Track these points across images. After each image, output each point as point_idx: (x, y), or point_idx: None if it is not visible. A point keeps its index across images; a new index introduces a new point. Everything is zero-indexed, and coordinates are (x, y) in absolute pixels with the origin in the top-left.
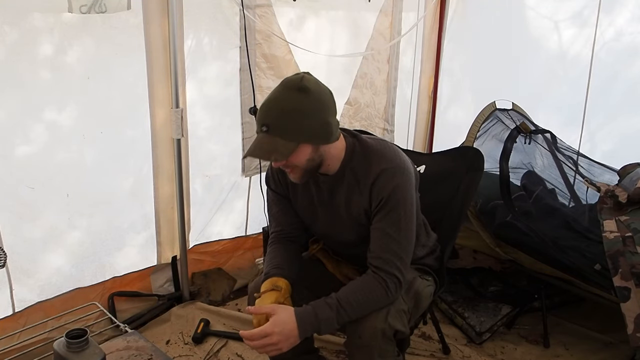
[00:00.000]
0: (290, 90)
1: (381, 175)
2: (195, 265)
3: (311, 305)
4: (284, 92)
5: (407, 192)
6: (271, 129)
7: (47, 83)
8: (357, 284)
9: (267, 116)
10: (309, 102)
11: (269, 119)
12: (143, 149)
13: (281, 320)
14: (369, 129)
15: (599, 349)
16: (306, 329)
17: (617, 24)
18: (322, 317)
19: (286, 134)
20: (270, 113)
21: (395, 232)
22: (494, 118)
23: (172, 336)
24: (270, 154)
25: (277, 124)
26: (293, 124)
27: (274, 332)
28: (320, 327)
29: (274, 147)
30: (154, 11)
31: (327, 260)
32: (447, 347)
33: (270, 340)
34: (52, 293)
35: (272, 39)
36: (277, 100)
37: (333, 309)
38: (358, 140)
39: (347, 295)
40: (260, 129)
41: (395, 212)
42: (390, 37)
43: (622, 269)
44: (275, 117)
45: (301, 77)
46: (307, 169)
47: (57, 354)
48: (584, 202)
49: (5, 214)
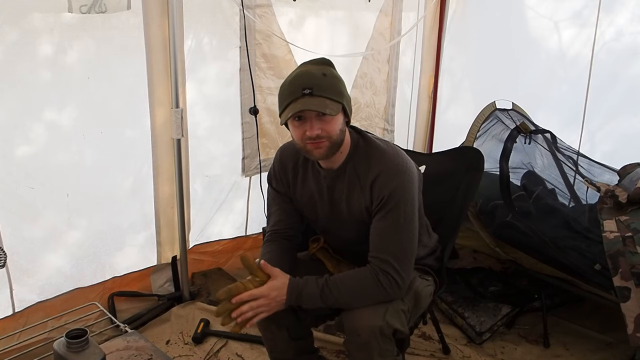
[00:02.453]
0: (320, 64)
1: (382, 174)
2: (195, 265)
3: (304, 278)
4: (313, 65)
5: (407, 193)
6: (316, 90)
7: (47, 83)
8: (351, 272)
9: (310, 80)
10: (338, 73)
11: (313, 82)
12: (143, 149)
13: (276, 286)
14: (369, 129)
15: (599, 349)
16: (291, 297)
17: (617, 24)
18: (305, 291)
19: (332, 94)
20: (312, 78)
21: (394, 232)
22: (494, 118)
23: (172, 336)
24: (325, 108)
25: (322, 85)
26: (336, 86)
27: (268, 295)
28: (303, 298)
29: (323, 103)
30: (154, 11)
31: (328, 259)
32: (447, 347)
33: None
34: (52, 293)
35: (272, 39)
36: (313, 70)
37: (319, 286)
38: (362, 136)
39: (338, 278)
40: (302, 92)
41: (395, 212)
42: (390, 37)
43: (622, 269)
44: (319, 79)
45: (321, 58)
46: (335, 143)
47: (57, 354)
48: (584, 202)
49: (5, 214)
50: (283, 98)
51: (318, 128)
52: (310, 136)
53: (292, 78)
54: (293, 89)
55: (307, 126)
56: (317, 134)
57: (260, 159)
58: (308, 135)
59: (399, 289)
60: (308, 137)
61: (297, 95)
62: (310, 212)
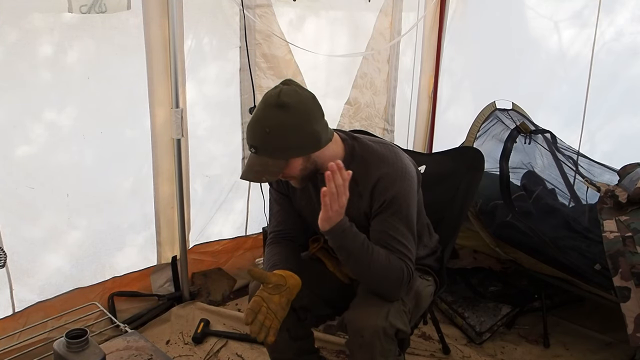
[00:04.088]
0: (270, 108)
1: (382, 180)
2: (195, 265)
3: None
4: (265, 110)
5: (408, 197)
6: (259, 150)
7: (47, 83)
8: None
9: (254, 138)
10: (290, 117)
11: (256, 141)
12: (143, 149)
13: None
14: (369, 129)
15: (599, 349)
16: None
17: (617, 24)
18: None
19: (273, 153)
20: (256, 135)
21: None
22: (494, 118)
23: (172, 336)
24: (261, 175)
25: (263, 146)
26: (278, 142)
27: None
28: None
29: (264, 167)
30: (154, 11)
31: (327, 259)
32: (447, 347)
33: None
34: (52, 293)
35: (272, 39)
36: (260, 120)
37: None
38: (357, 142)
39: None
40: (250, 149)
41: (396, 216)
42: (390, 37)
43: (622, 269)
44: (260, 138)
45: (278, 92)
46: (304, 176)
47: (57, 354)
48: (584, 202)
49: (5, 214)
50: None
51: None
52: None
53: (248, 125)
54: (247, 140)
55: None
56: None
57: None
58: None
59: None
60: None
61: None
62: (309, 214)
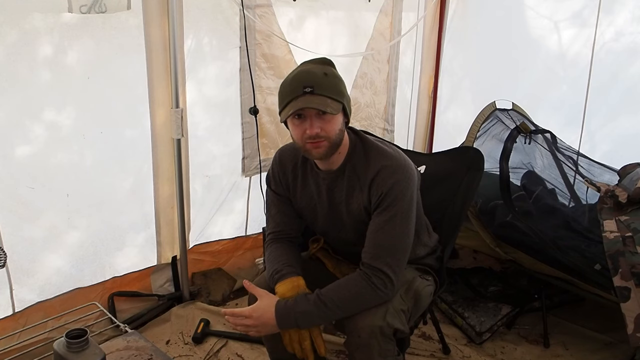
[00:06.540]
0: (321, 63)
1: (381, 172)
2: (195, 265)
3: (294, 298)
4: (316, 64)
5: (406, 190)
6: (317, 88)
7: (47, 83)
8: (342, 281)
9: (311, 79)
10: (339, 73)
11: (314, 80)
12: (143, 149)
13: (261, 307)
14: (369, 129)
15: (599, 349)
16: (283, 320)
17: (616, 24)
18: (298, 310)
19: (333, 93)
20: (314, 76)
21: (391, 228)
22: (494, 118)
23: (172, 336)
24: (326, 106)
25: (323, 85)
26: (337, 86)
27: (252, 316)
28: (298, 320)
29: (325, 102)
30: (154, 11)
31: (327, 259)
32: (447, 347)
33: (246, 322)
34: (52, 293)
35: (272, 39)
36: (314, 69)
37: (311, 303)
38: (360, 137)
39: (329, 290)
40: (303, 91)
41: (393, 208)
42: (390, 37)
43: (622, 269)
44: (320, 78)
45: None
46: (334, 143)
47: (57, 354)
48: (584, 202)
49: (5, 214)
50: (283, 96)
51: (318, 127)
52: (310, 135)
53: (293, 76)
54: (294, 87)
55: (307, 125)
56: (316, 133)
57: (260, 159)
58: (308, 134)
59: (393, 287)
60: (308, 136)
61: (298, 93)
62: (310, 213)
